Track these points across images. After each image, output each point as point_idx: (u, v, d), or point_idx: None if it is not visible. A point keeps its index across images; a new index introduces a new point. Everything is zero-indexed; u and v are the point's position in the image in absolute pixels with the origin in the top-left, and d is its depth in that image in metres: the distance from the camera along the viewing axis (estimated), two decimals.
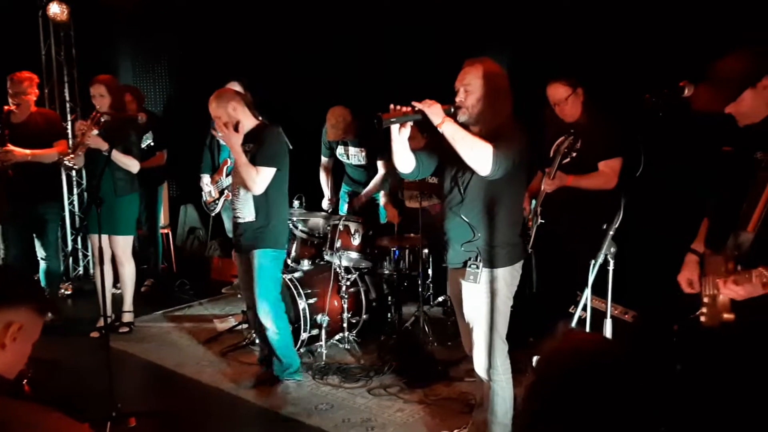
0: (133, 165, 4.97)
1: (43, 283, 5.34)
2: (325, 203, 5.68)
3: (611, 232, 2.37)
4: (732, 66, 2.49)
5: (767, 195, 2.40)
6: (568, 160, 3.91)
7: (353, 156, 5.45)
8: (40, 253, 5.37)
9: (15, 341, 1.67)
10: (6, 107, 5.19)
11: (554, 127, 4.05)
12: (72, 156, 4.79)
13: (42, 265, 5.38)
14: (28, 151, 4.99)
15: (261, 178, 3.91)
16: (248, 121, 4.04)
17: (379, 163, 5.30)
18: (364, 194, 5.38)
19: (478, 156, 2.80)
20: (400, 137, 2.92)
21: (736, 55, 2.49)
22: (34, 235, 5.32)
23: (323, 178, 5.71)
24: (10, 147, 4.98)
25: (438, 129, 2.83)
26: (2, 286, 1.72)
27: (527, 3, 4.71)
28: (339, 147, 5.48)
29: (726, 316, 2.46)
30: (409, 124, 2.89)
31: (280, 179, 4.01)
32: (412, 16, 5.35)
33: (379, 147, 5.24)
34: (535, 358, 1.36)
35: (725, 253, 2.47)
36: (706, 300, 2.56)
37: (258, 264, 4.01)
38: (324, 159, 5.67)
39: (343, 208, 5.68)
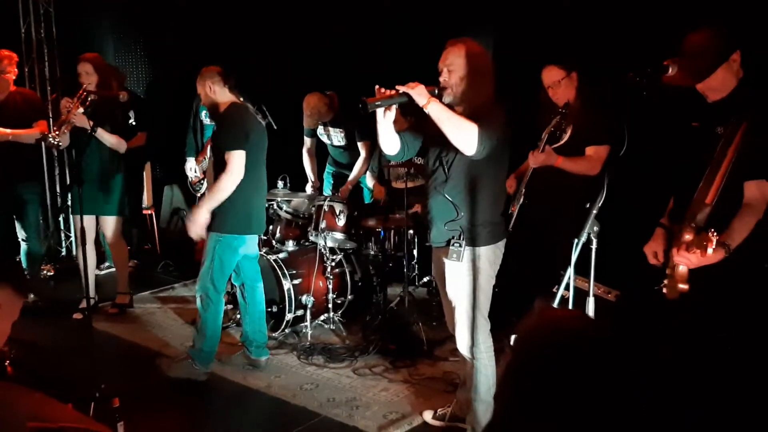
0: (120, 145, 4.91)
1: (24, 265, 5.29)
2: (308, 188, 5.66)
3: (594, 211, 2.37)
4: (703, 42, 2.54)
5: (724, 168, 2.48)
6: (561, 142, 3.91)
7: (334, 136, 5.44)
8: (21, 234, 5.30)
9: None
10: None
11: (548, 112, 4.03)
12: (57, 133, 4.71)
13: (23, 246, 5.32)
14: (8, 131, 4.92)
15: (230, 163, 3.80)
16: (224, 102, 3.98)
17: (360, 145, 5.30)
18: (349, 182, 5.37)
19: (464, 136, 2.81)
20: (385, 120, 2.93)
21: (707, 32, 2.54)
22: (14, 216, 5.26)
23: (306, 161, 5.69)
24: None
25: (424, 110, 2.83)
26: None
27: None
28: (320, 128, 5.48)
29: (681, 286, 2.52)
30: (394, 107, 2.90)
31: None
32: None
33: (358, 129, 5.24)
34: (512, 337, 1.37)
35: (684, 225, 2.53)
36: (668, 272, 2.62)
37: (206, 245, 3.99)
38: (307, 140, 5.65)
39: (328, 189, 5.67)
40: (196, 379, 4.02)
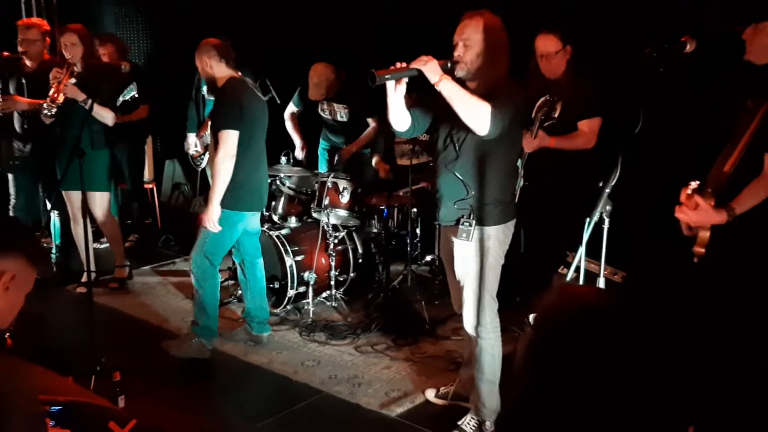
0: (108, 117, 4.78)
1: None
2: (298, 153, 5.56)
3: (607, 190, 2.33)
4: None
5: (746, 138, 2.51)
6: (551, 121, 3.87)
7: (337, 112, 5.35)
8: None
9: (7, 291, 1.63)
10: (5, 53, 5.08)
11: (536, 80, 3.97)
12: (52, 104, 4.61)
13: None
14: (27, 100, 4.88)
15: (222, 143, 3.75)
16: (222, 77, 3.90)
17: (369, 120, 5.22)
18: (354, 144, 5.27)
19: (477, 116, 2.75)
20: (396, 94, 2.87)
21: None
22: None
23: (290, 126, 5.55)
24: (12, 95, 4.91)
25: (435, 87, 2.77)
26: None
27: None
28: (322, 103, 5.37)
29: (697, 249, 2.58)
30: (405, 80, 2.83)
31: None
32: None
33: (366, 105, 5.14)
34: (531, 316, 1.33)
35: (704, 191, 2.55)
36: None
37: None
38: (293, 108, 5.51)
39: (323, 165, 5.59)
40: (202, 357, 3.99)
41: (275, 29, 5.97)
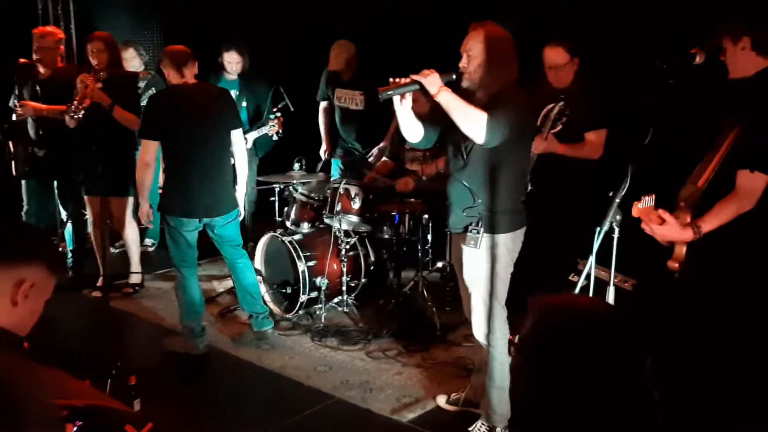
0: (132, 122, 4.88)
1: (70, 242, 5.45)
2: (322, 152, 5.66)
3: (617, 200, 2.35)
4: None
5: (720, 155, 2.53)
6: (559, 127, 3.89)
7: (351, 99, 5.37)
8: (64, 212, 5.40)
9: (27, 299, 1.65)
10: (22, 60, 5.19)
11: (542, 91, 4.00)
12: (79, 108, 4.69)
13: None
14: (44, 107, 4.97)
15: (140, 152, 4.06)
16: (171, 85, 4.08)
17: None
18: (386, 139, 5.29)
19: (472, 125, 2.81)
20: (402, 108, 2.94)
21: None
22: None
23: (322, 122, 5.68)
24: (27, 101, 5.01)
25: (435, 99, 2.83)
26: (13, 241, 1.68)
27: None
28: (336, 90, 5.41)
29: (671, 264, 2.59)
30: (409, 95, 2.91)
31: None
32: None
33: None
34: (516, 338, 1.35)
35: (678, 205, 2.57)
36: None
37: None
38: (323, 103, 5.63)
39: (336, 173, 5.63)
40: (192, 353, 4.14)
41: (289, 37, 6.02)
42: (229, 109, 4.21)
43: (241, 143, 4.25)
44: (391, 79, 2.86)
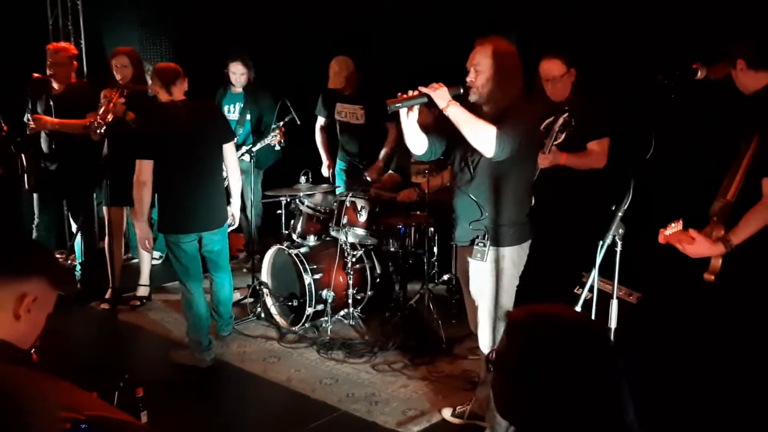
0: None
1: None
2: (324, 170, 5.69)
3: (620, 214, 2.37)
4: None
5: (745, 165, 2.57)
6: (561, 139, 3.90)
7: (352, 114, 5.41)
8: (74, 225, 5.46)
9: (29, 313, 1.67)
10: (35, 75, 5.26)
11: (541, 104, 4.01)
12: (103, 122, 4.74)
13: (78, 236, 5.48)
14: (56, 120, 5.03)
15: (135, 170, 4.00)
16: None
17: (388, 126, 5.28)
18: (380, 159, 5.34)
19: (482, 138, 2.84)
20: (408, 121, 2.97)
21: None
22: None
23: (320, 140, 5.71)
24: (40, 116, 5.07)
25: (444, 112, 2.85)
26: (15, 256, 1.71)
27: None
28: (337, 105, 5.45)
29: (707, 276, 2.61)
30: (416, 107, 2.94)
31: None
32: None
33: (381, 107, 5.19)
34: (491, 355, 1.38)
35: (711, 220, 2.59)
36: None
37: None
38: (321, 120, 5.66)
39: (341, 186, 5.65)
40: (200, 366, 4.15)
41: (296, 51, 6.07)
42: (218, 123, 4.27)
43: (232, 156, 4.29)
44: (399, 93, 2.89)
